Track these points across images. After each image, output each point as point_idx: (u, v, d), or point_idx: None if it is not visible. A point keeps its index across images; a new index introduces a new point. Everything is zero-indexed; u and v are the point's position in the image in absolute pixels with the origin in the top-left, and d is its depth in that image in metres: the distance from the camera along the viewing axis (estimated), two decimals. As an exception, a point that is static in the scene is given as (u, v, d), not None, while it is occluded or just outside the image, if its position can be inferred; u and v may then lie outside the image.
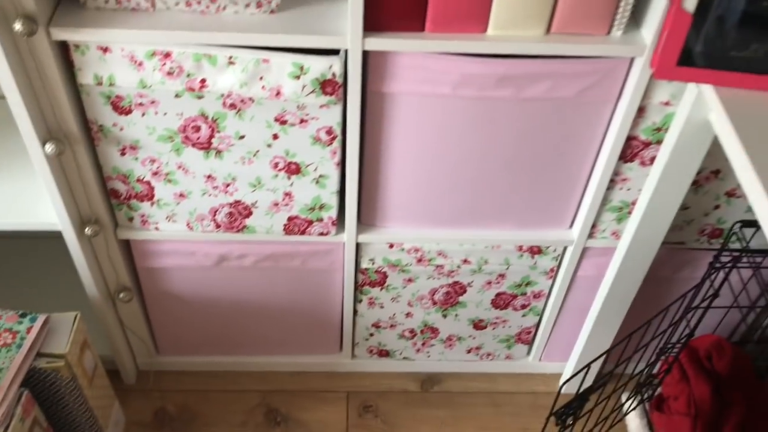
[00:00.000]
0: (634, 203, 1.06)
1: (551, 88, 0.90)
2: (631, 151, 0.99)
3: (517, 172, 1.01)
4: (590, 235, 1.11)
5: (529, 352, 1.37)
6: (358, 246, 1.10)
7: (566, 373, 1.36)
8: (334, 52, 0.85)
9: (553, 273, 1.18)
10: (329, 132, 0.93)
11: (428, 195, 1.04)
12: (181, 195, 1.01)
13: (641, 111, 0.94)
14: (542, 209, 1.08)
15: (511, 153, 0.98)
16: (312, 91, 0.87)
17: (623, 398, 1.33)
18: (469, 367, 1.37)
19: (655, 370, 1.27)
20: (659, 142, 0.98)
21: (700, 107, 0.87)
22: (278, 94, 0.87)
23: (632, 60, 0.89)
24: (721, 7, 0.76)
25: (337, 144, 0.95)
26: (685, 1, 0.76)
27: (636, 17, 0.88)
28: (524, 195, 1.05)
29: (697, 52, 0.80)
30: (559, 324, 1.28)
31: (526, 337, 1.31)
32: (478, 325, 1.27)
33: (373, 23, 0.83)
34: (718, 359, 1.19)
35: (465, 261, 1.14)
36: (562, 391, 1.35)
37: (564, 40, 0.85)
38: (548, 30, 0.85)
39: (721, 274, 1.09)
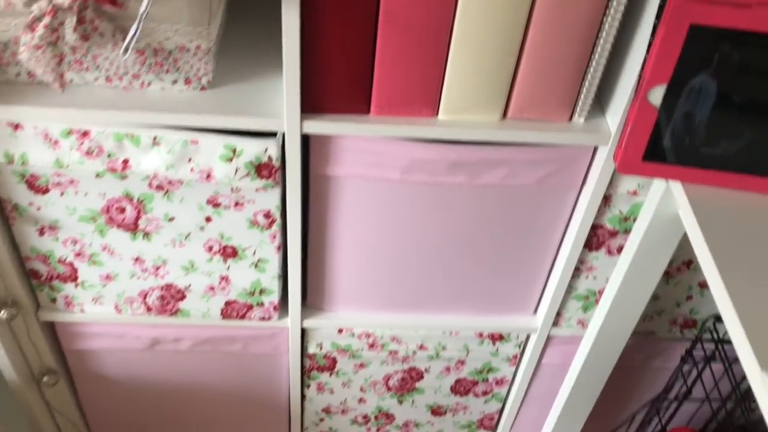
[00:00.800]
0: (600, 292, 0.99)
1: (508, 175, 0.83)
2: (596, 239, 0.92)
3: (474, 257, 0.94)
4: (555, 323, 1.03)
5: (492, 438, 1.28)
6: (303, 331, 1.02)
7: (532, 461, 1.27)
8: (271, 132, 0.78)
9: (516, 360, 1.10)
10: (267, 215, 0.85)
11: (379, 278, 0.96)
12: (108, 277, 0.92)
13: (607, 200, 0.87)
14: (503, 295, 1.00)
15: (467, 238, 0.91)
16: (246, 175, 0.79)
17: (592, 490, 1.24)
18: (429, 452, 1.28)
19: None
20: (627, 231, 0.91)
21: (669, 202, 0.80)
22: (209, 176, 0.79)
23: (596, 147, 0.82)
24: (690, 102, 0.69)
25: (276, 228, 0.87)
26: (650, 94, 0.69)
27: (601, 102, 0.81)
28: (484, 280, 0.97)
29: (664, 147, 0.73)
30: (523, 410, 1.19)
31: (489, 423, 1.23)
32: (437, 411, 1.18)
33: (313, 104, 0.76)
34: (691, 456, 1.11)
35: (421, 347, 1.06)
36: (528, 479, 1.26)
37: (521, 127, 0.78)
38: (504, 115, 0.78)
39: (694, 371, 1.01)
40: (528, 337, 1.07)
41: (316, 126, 0.76)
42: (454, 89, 0.75)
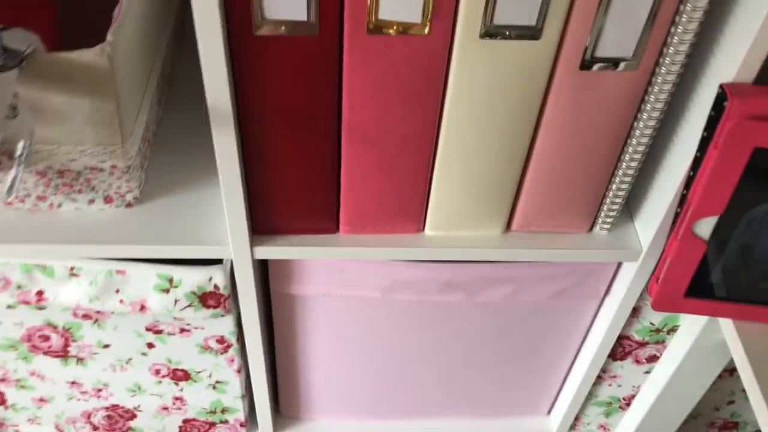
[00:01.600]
0: (626, 399, 0.84)
1: (515, 292, 0.68)
2: (622, 350, 0.76)
3: (478, 368, 0.79)
4: (572, 427, 0.88)
5: None
6: (278, 442, 0.88)
7: None
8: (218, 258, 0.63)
9: (526, 458, 0.96)
10: (221, 341, 0.70)
11: (365, 389, 0.81)
12: (42, 400, 0.78)
13: (636, 311, 0.71)
14: (512, 400, 0.85)
15: (468, 352, 0.76)
16: (188, 306, 0.64)
17: None
18: None
19: None
20: (659, 342, 0.75)
21: (714, 330, 0.64)
22: (143, 308, 0.64)
23: (623, 259, 0.66)
24: (749, 232, 0.53)
25: (234, 352, 0.72)
26: (696, 226, 0.53)
27: (629, 206, 0.65)
28: (489, 388, 0.82)
29: (712, 282, 0.57)
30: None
31: None
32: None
33: (266, 224, 0.60)
34: None
35: (416, 451, 0.92)
36: None
37: (528, 244, 0.62)
38: (509, 226, 0.62)
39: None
40: (540, 439, 0.92)
41: (272, 252, 0.61)
42: (442, 205, 0.59)
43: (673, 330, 0.73)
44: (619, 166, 0.58)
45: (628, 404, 0.84)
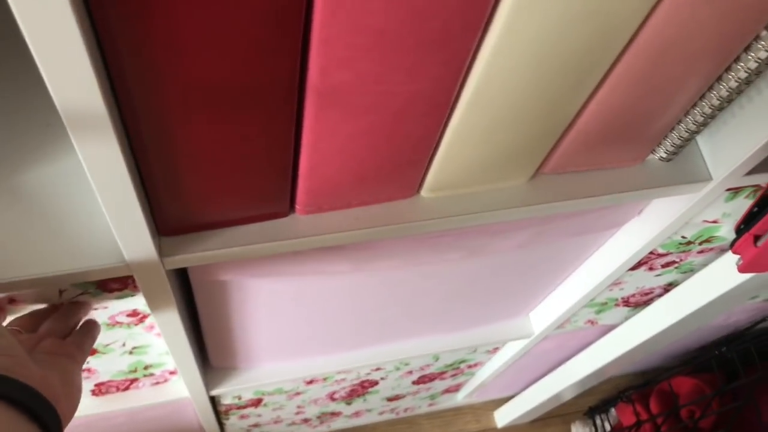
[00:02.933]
0: (624, 299, 0.71)
1: (527, 240, 0.50)
2: (638, 262, 0.62)
3: (459, 299, 0.63)
4: (558, 327, 0.76)
5: (457, 394, 1.06)
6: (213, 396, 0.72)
7: (506, 409, 1.08)
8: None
9: (496, 350, 0.85)
10: (134, 314, 0.50)
11: (318, 335, 0.65)
12: None
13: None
14: (493, 313, 0.71)
15: (451, 290, 0.59)
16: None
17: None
18: (386, 417, 1.06)
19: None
20: (683, 252, 0.61)
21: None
22: (12, 301, 0.43)
23: (674, 183, 0.49)
24: None
25: (153, 319, 0.52)
26: None
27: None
28: (468, 310, 0.68)
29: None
30: (500, 377, 0.97)
31: (455, 388, 1.01)
32: (395, 398, 0.94)
33: (180, 221, 0.38)
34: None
35: (376, 369, 0.78)
36: (499, 424, 1.09)
37: (563, 192, 0.43)
38: (539, 170, 0.43)
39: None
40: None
41: (192, 259, 0.39)
42: (453, 162, 0.39)
43: (707, 240, 0.59)
44: (714, 88, 0.38)
45: (626, 303, 0.72)
